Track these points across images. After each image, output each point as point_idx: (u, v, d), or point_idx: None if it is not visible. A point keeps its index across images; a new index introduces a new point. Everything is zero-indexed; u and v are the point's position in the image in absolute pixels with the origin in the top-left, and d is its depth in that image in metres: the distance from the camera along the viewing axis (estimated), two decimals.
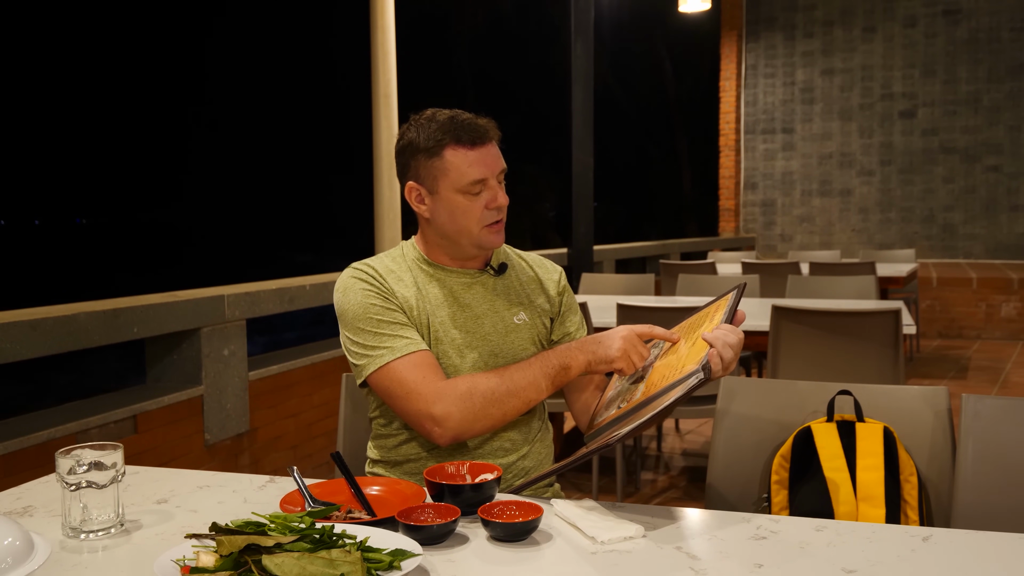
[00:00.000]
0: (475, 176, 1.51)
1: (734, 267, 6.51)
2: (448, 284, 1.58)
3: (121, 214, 59.92)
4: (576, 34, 6.27)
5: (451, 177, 1.51)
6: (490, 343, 1.56)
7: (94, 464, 1.18)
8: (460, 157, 1.51)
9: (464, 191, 1.52)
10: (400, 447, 1.57)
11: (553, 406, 2.74)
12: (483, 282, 1.61)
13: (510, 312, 1.60)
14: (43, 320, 2.61)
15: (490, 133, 1.54)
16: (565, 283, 1.72)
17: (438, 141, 1.51)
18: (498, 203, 1.54)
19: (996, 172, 10.18)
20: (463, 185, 1.51)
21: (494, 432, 1.55)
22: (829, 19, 10.91)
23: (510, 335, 1.58)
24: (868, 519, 1.52)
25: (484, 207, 1.52)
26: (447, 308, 1.56)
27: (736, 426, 1.71)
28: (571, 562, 1.09)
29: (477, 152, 1.51)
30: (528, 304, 1.63)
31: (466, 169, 1.51)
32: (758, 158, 11.41)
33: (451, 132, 1.51)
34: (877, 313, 3.25)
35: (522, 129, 19.51)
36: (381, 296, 1.52)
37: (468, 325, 1.56)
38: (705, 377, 1.28)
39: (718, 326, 1.36)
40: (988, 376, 6.32)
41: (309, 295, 3.88)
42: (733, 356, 1.33)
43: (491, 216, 1.54)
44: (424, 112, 1.57)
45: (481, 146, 1.52)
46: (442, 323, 1.55)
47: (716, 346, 1.32)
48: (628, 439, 1.39)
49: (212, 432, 3.28)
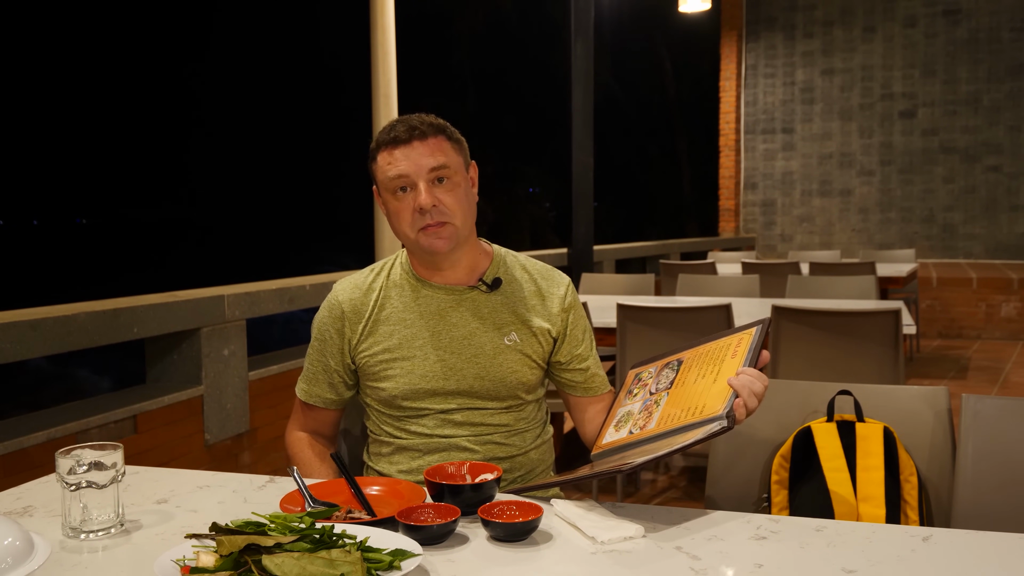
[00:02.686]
0: (393, 173, 1.46)
1: (734, 267, 6.51)
2: (434, 301, 1.54)
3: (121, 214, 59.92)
4: (576, 34, 6.27)
5: (379, 178, 1.51)
6: (476, 366, 1.51)
7: (94, 464, 1.18)
8: (385, 157, 1.49)
9: (391, 191, 1.48)
10: (394, 455, 1.57)
11: (554, 406, 2.74)
12: (472, 299, 1.54)
13: (500, 333, 1.53)
14: (43, 320, 2.61)
15: (420, 130, 1.46)
16: (573, 299, 1.60)
17: (377, 145, 1.51)
18: (419, 203, 1.44)
19: (996, 172, 10.18)
20: (386, 184, 1.48)
21: (494, 432, 1.55)
22: (829, 19, 10.91)
23: (498, 357, 1.52)
24: (868, 519, 1.52)
25: (412, 210, 1.47)
26: (428, 330, 1.52)
27: (736, 426, 1.71)
28: (571, 562, 1.09)
29: (400, 150, 1.47)
30: (522, 323, 1.54)
31: (386, 167, 1.48)
32: (758, 158, 11.41)
33: (384, 133, 1.50)
34: (877, 313, 3.25)
35: (522, 129, 19.51)
36: (327, 335, 1.59)
37: (452, 346, 1.51)
38: (729, 426, 1.25)
39: (743, 370, 1.31)
40: (988, 376, 6.32)
41: (309, 295, 3.88)
42: (757, 404, 1.31)
43: (421, 219, 1.46)
44: None
45: (405, 144, 1.46)
46: (422, 346, 1.52)
47: (742, 395, 1.28)
48: (638, 470, 1.38)
49: (212, 432, 3.28)
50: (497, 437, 1.55)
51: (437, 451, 1.53)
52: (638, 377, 1.55)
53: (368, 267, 1.63)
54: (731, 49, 11.27)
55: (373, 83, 4.82)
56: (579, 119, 6.30)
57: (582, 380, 1.61)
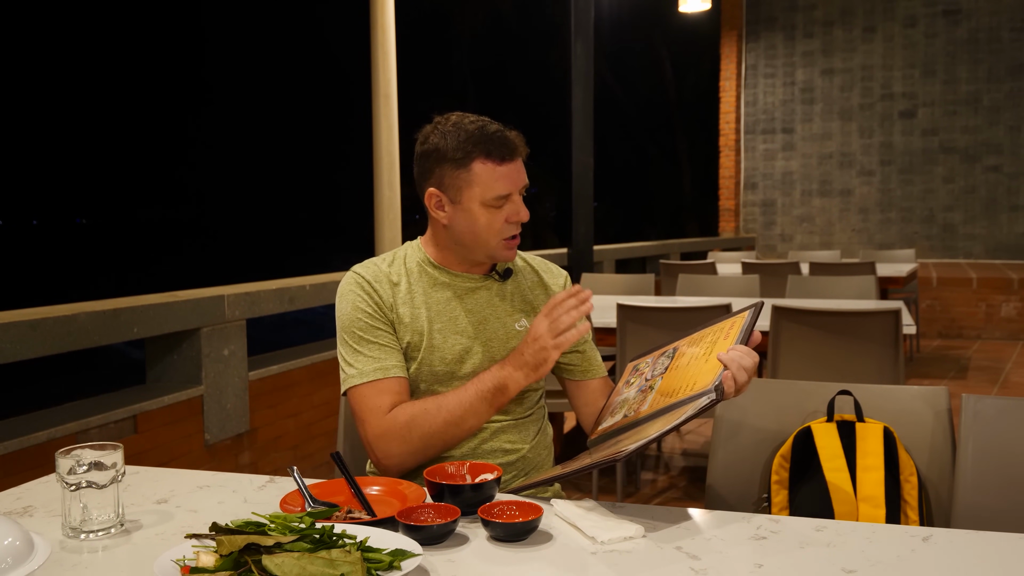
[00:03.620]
0: (501, 191, 1.50)
1: (734, 267, 6.51)
2: (452, 287, 1.58)
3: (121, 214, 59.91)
4: (576, 34, 6.27)
5: (476, 190, 1.50)
6: (491, 349, 1.56)
7: (94, 464, 1.18)
8: (489, 171, 1.49)
9: (488, 204, 1.50)
10: None
11: (553, 406, 2.74)
12: (487, 287, 1.60)
13: (512, 318, 1.60)
14: (43, 320, 2.61)
15: (519, 149, 1.52)
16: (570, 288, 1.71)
17: (467, 152, 1.49)
18: (519, 218, 1.53)
19: (996, 172, 10.18)
20: (488, 199, 1.50)
21: (494, 434, 1.55)
22: (829, 19, 10.91)
23: (511, 341, 1.57)
24: (868, 519, 1.52)
25: (505, 220, 1.52)
26: (449, 312, 1.56)
27: (736, 426, 1.71)
28: (571, 562, 1.09)
29: (506, 167, 1.50)
30: (531, 311, 1.62)
31: (493, 184, 1.49)
32: (758, 158, 11.41)
33: (481, 144, 1.49)
34: (877, 313, 3.25)
35: (522, 129, 19.48)
36: (370, 308, 1.53)
37: (470, 330, 1.56)
38: (718, 398, 1.27)
39: (733, 347, 1.34)
40: (988, 376, 6.32)
41: (309, 295, 3.88)
42: (747, 379, 1.32)
43: (510, 230, 1.53)
44: (449, 117, 1.54)
45: (510, 162, 1.51)
46: (441, 328, 1.54)
47: (731, 368, 1.31)
48: (635, 455, 1.38)
49: (212, 432, 3.28)
50: (498, 438, 1.56)
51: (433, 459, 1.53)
52: (636, 368, 1.59)
53: (378, 256, 1.64)
54: (731, 49, 11.27)
55: (373, 83, 4.82)
56: (579, 119, 6.30)
57: (579, 363, 1.66)
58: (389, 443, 1.46)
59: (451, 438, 1.48)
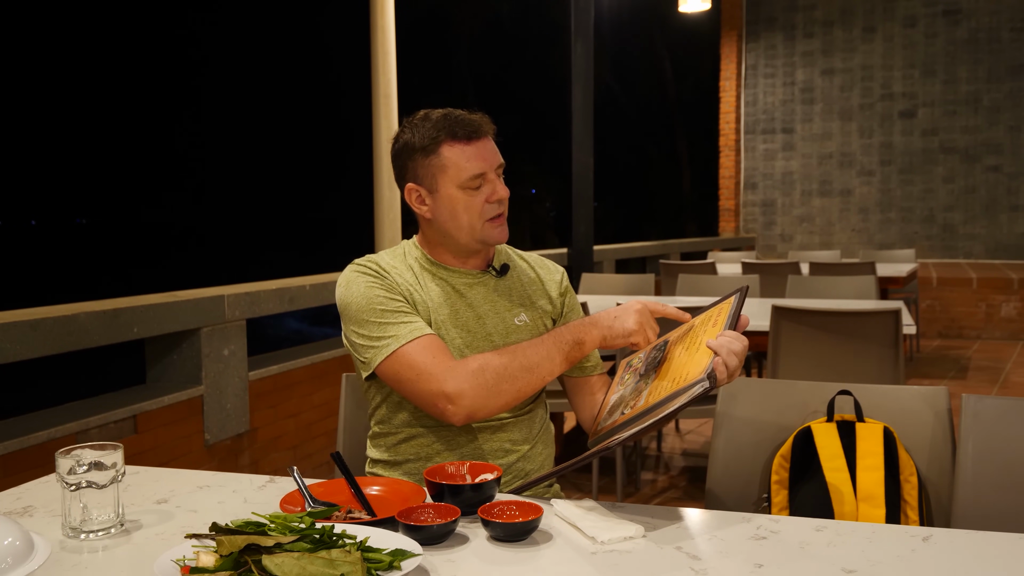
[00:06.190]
0: (474, 170, 1.51)
1: (734, 267, 6.50)
2: (450, 283, 1.58)
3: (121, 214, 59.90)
4: (576, 34, 6.27)
5: (450, 173, 1.52)
6: (491, 343, 1.56)
7: (94, 464, 1.18)
8: (457, 152, 1.51)
9: (464, 186, 1.51)
10: (400, 446, 1.57)
11: (554, 406, 2.74)
12: (485, 282, 1.60)
13: (511, 313, 1.60)
14: (43, 320, 2.61)
15: (484, 127, 1.53)
16: (567, 284, 1.71)
17: (433, 139, 1.51)
18: (498, 195, 1.53)
19: (996, 172, 10.18)
20: (462, 180, 1.51)
21: (494, 432, 1.55)
22: (829, 19, 10.91)
23: (511, 336, 1.57)
24: (868, 519, 1.52)
25: (485, 201, 1.53)
26: (448, 307, 1.56)
27: (736, 426, 1.71)
28: (571, 562, 1.09)
29: (474, 146, 1.52)
30: (530, 305, 1.63)
31: (464, 164, 1.51)
32: (758, 158, 11.41)
33: (446, 128, 1.51)
34: (877, 313, 3.25)
35: (522, 129, 19.51)
36: (384, 287, 1.52)
37: (469, 324, 1.56)
38: (711, 386, 1.27)
39: (722, 333, 1.34)
40: (988, 376, 6.32)
41: (309, 295, 3.88)
42: (738, 364, 1.32)
43: (492, 210, 1.53)
44: (417, 113, 1.57)
45: (477, 140, 1.52)
46: (442, 322, 1.54)
47: (721, 354, 1.31)
48: (629, 442, 1.38)
49: (212, 432, 3.28)
50: (498, 438, 1.56)
51: (441, 448, 1.54)
52: (629, 364, 1.58)
53: (378, 253, 1.64)
54: (731, 49, 11.27)
55: (373, 84, 4.82)
56: (579, 119, 6.30)
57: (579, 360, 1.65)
58: (461, 382, 1.40)
59: (524, 385, 1.45)
